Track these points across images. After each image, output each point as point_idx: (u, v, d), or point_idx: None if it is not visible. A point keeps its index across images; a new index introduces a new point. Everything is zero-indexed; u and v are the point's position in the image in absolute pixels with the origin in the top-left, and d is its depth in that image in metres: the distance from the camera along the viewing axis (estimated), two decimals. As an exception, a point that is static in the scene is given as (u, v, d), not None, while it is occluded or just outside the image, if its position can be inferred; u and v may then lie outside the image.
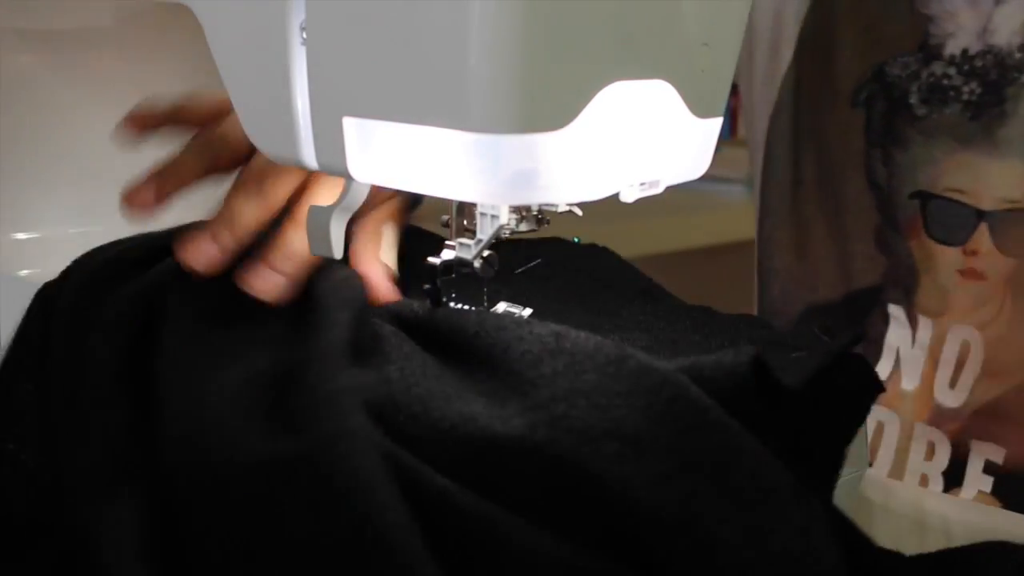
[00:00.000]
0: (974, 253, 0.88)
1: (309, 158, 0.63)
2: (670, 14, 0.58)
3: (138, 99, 0.90)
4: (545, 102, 0.55)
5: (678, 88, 0.60)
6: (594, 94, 0.56)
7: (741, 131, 1.65)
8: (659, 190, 0.63)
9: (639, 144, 0.61)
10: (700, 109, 0.62)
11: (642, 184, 0.62)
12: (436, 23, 0.54)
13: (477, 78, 0.54)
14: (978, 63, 0.87)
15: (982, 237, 0.87)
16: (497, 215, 0.63)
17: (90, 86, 0.89)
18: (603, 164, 0.59)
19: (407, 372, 0.58)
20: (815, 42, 0.97)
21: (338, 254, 0.68)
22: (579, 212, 0.63)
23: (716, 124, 0.64)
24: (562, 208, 0.63)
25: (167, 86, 0.91)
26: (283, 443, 0.53)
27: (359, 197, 0.67)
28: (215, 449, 0.55)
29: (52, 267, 0.83)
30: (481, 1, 0.53)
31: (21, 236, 0.87)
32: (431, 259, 0.67)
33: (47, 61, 0.88)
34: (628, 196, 0.62)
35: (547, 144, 0.56)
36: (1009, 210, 0.86)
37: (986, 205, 0.87)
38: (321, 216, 0.67)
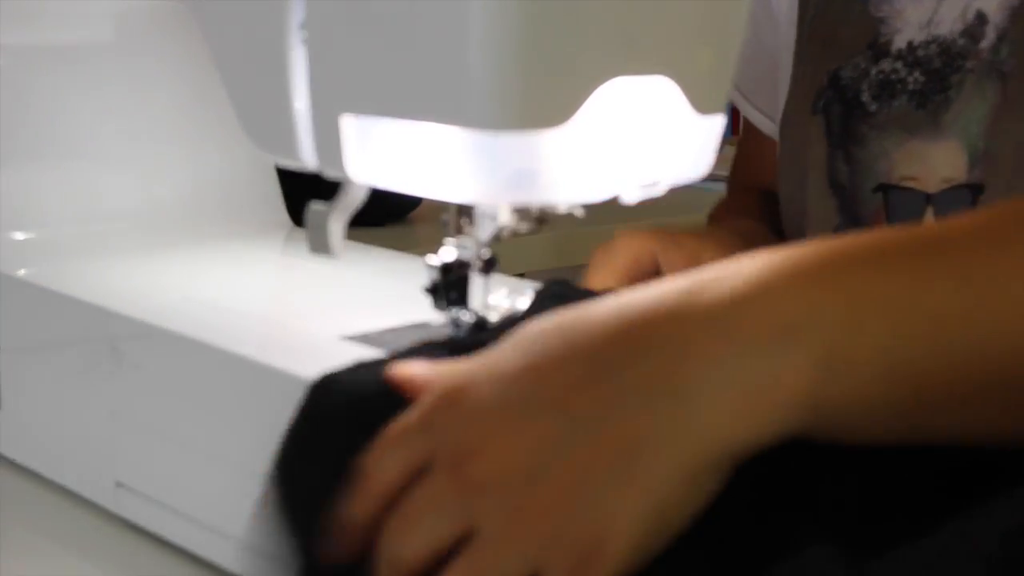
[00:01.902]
0: None
1: (308, 158, 0.63)
2: (670, 8, 0.58)
3: (138, 101, 0.90)
4: (544, 97, 0.55)
5: (679, 83, 0.60)
6: (593, 89, 0.56)
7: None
8: (660, 191, 0.63)
9: (640, 142, 0.60)
10: (702, 105, 0.61)
11: (643, 185, 0.62)
12: (434, 19, 0.54)
13: (475, 73, 0.53)
14: (920, 53, 0.90)
15: (928, 220, 0.89)
16: (497, 215, 0.63)
17: (91, 89, 0.89)
18: (604, 164, 0.59)
19: None
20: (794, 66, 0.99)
21: (338, 255, 0.68)
22: (579, 212, 0.63)
23: (718, 121, 0.63)
24: (562, 208, 0.63)
25: (166, 88, 0.91)
26: None
27: (358, 197, 0.67)
28: None
29: (52, 267, 0.83)
30: (480, -3, 0.53)
31: (21, 236, 0.87)
32: (431, 259, 0.67)
33: (48, 65, 0.88)
34: (629, 197, 0.62)
35: (547, 142, 0.56)
36: (948, 189, 0.88)
37: (932, 188, 0.88)
38: (321, 216, 0.67)
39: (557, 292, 0.63)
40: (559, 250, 1.52)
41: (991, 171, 0.86)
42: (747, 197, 1.11)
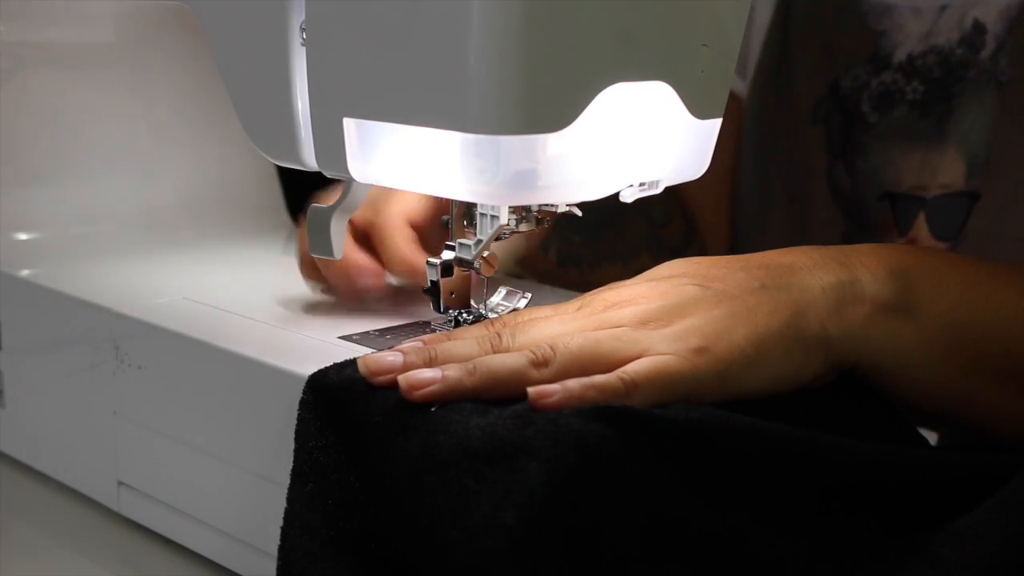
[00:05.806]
0: (913, 242, 0.90)
1: (309, 159, 0.63)
2: (669, 16, 0.58)
3: (138, 102, 0.90)
4: (546, 104, 0.55)
5: (677, 89, 0.60)
6: (594, 96, 0.56)
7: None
8: (659, 190, 0.63)
9: (639, 145, 0.61)
10: (699, 110, 0.62)
11: (642, 184, 0.62)
12: (436, 25, 0.54)
13: (477, 80, 0.54)
14: (919, 63, 0.90)
15: (920, 226, 0.89)
16: (497, 215, 0.63)
17: (91, 90, 0.89)
18: (603, 165, 0.59)
19: None
20: (773, 68, 0.99)
21: (338, 255, 0.68)
22: (578, 212, 0.63)
23: (716, 125, 0.64)
24: (562, 208, 0.63)
25: (167, 89, 0.91)
26: None
27: (359, 197, 0.67)
28: None
29: (52, 267, 0.83)
30: (481, 3, 0.53)
31: (22, 236, 0.87)
32: (431, 259, 0.67)
33: (49, 66, 0.88)
34: (628, 196, 0.62)
35: (547, 145, 0.56)
36: (943, 195, 0.87)
37: (932, 195, 0.88)
38: (321, 216, 0.67)
39: None
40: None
41: (992, 180, 0.86)
42: None
